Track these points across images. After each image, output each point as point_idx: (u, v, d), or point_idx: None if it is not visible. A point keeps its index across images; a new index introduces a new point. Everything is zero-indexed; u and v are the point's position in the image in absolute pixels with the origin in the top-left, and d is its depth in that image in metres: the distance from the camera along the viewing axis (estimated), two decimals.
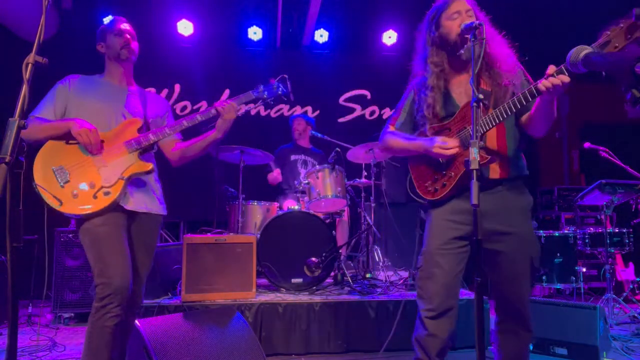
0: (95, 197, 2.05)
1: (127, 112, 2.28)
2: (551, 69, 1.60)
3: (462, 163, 1.82)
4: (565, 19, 5.44)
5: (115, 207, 2.11)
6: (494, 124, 1.76)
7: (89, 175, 2.08)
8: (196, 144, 2.31)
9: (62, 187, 2.06)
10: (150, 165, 2.18)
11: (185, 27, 5.73)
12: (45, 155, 2.09)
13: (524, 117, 1.87)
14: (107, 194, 2.07)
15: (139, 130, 2.21)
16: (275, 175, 4.61)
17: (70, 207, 2.02)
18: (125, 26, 2.32)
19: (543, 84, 1.61)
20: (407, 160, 2.13)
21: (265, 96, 2.33)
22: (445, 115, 1.94)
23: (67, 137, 2.09)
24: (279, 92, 2.35)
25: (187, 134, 2.36)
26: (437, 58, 1.94)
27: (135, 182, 2.21)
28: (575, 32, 5.15)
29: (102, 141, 2.14)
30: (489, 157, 1.75)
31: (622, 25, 1.46)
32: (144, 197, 2.23)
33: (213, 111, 2.23)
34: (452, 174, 1.87)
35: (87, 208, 2.04)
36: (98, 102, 2.21)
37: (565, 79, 1.56)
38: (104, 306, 1.95)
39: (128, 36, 2.29)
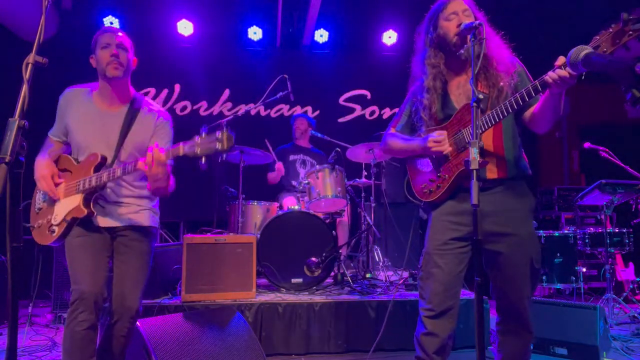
0: (48, 231, 2.08)
1: (108, 141, 2.12)
2: (560, 60, 1.56)
3: (456, 165, 1.83)
4: (565, 19, 5.44)
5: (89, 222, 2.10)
6: (494, 122, 1.74)
7: (50, 209, 2.11)
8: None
9: (37, 212, 2.16)
10: (84, 211, 1.98)
11: (185, 27, 5.73)
12: None
13: (527, 113, 1.85)
14: (52, 231, 2.06)
15: (96, 168, 2.02)
16: (278, 167, 4.53)
17: (35, 235, 2.14)
18: (116, 36, 2.07)
19: (550, 76, 1.58)
20: (405, 161, 2.13)
21: (197, 151, 1.70)
22: (444, 118, 1.93)
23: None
24: (217, 148, 1.65)
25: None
26: (434, 59, 1.93)
27: (111, 203, 2.13)
28: (573, 31, 5.15)
29: (70, 172, 2.10)
30: (481, 160, 1.74)
31: (611, 30, 1.46)
32: (121, 214, 2.14)
33: (129, 167, 1.92)
34: (446, 175, 1.87)
35: (42, 240, 2.11)
36: (84, 127, 2.11)
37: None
38: (73, 311, 1.97)
39: (115, 50, 2.03)
